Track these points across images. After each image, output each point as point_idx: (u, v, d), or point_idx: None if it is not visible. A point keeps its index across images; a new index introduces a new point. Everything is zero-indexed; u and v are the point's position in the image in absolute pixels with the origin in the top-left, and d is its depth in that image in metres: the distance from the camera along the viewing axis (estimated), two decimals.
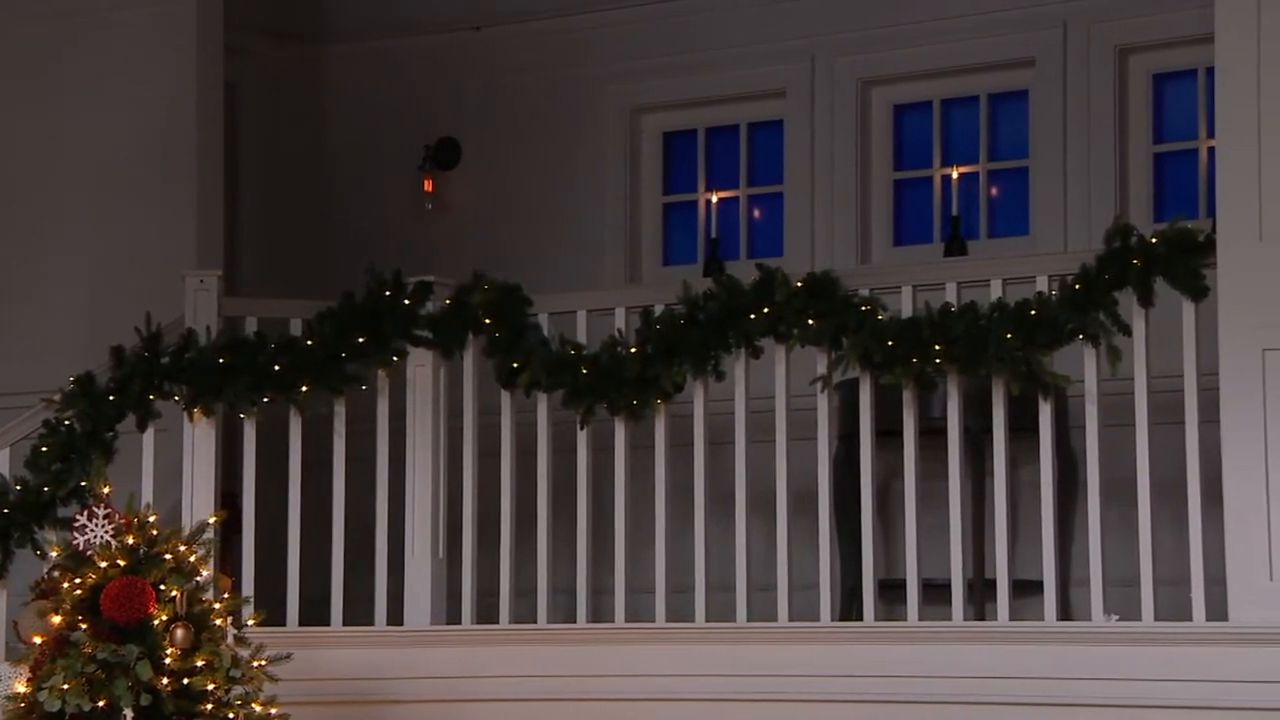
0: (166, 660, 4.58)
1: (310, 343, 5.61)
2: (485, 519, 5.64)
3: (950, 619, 5.13)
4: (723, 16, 6.79)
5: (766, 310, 5.34)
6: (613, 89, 6.96)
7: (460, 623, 5.57)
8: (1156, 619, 4.96)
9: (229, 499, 5.69)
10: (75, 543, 4.78)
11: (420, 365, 5.67)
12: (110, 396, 5.54)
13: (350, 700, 5.44)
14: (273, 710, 4.75)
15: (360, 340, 5.60)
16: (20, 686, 4.66)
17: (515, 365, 5.56)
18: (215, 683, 4.60)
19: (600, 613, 5.59)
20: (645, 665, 5.33)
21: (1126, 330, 5.05)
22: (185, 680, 4.59)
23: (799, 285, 5.32)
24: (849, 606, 5.79)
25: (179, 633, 4.61)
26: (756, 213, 6.92)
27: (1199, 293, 4.98)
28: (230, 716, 4.62)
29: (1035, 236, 6.47)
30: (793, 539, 5.35)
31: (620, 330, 5.51)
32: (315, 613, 5.64)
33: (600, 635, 5.43)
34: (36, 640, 4.72)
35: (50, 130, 6.49)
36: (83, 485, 5.38)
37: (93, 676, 4.55)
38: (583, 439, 5.53)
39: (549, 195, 7.03)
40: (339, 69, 7.26)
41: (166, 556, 4.71)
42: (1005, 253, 6.34)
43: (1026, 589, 5.45)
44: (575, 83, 6.98)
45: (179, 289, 5.74)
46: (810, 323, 5.28)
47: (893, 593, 5.48)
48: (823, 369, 5.31)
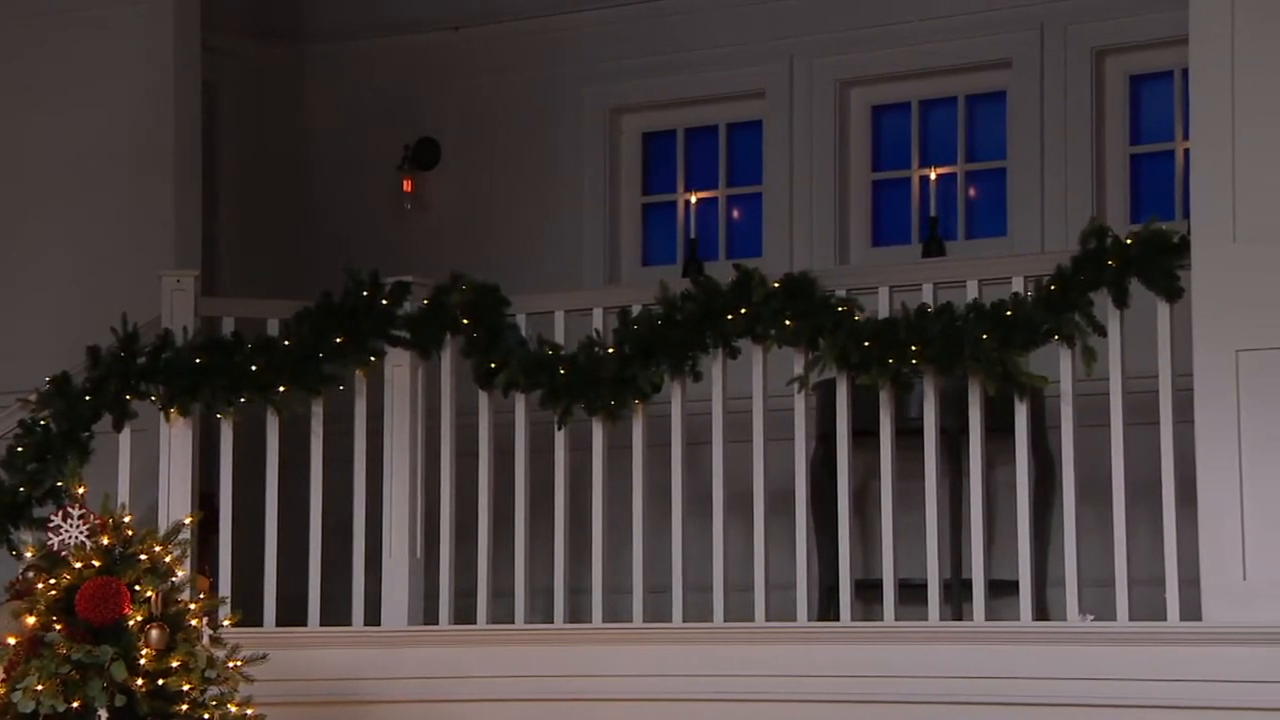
0: (141, 661, 4.58)
1: (287, 343, 5.61)
2: (463, 519, 5.64)
3: (927, 619, 5.14)
4: (702, 17, 6.80)
5: (744, 311, 5.35)
6: (592, 89, 6.96)
7: (438, 623, 5.57)
8: (1132, 619, 4.97)
9: (207, 499, 5.68)
10: (50, 543, 4.77)
11: (398, 365, 5.67)
12: (86, 396, 5.53)
13: (328, 701, 5.44)
14: (248, 711, 4.75)
15: (338, 340, 5.60)
16: None
17: (493, 365, 5.57)
18: (190, 683, 4.60)
19: (578, 613, 5.59)
20: (623, 665, 5.34)
21: (1102, 331, 5.06)
22: (160, 681, 4.59)
23: (776, 286, 5.32)
24: (827, 606, 5.80)
25: (154, 633, 4.61)
26: (735, 213, 6.93)
27: (1174, 294, 4.99)
28: (205, 717, 4.62)
29: (1013, 237, 6.49)
30: (770, 539, 5.36)
31: (598, 331, 5.52)
32: (293, 613, 5.63)
33: (578, 635, 5.44)
34: (11, 641, 4.71)
35: (27, 129, 6.48)
36: (58, 486, 5.37)
37: (67, 677, 4.55)
38: (560, 439, 5.54)
39: (528, 195, 7.04)
40: (318, 69, 7.26)
41: (141, 557, 4.71)
42: (983, 253, 6.36)
43: (1005, 589, 5.47)
44: (554, 83, 6.98)
45: (156, 289, 5.74)
46: (787, 323, 5.29)
47: (871, 593, 5.49)
48: (800, 369, 5.32)
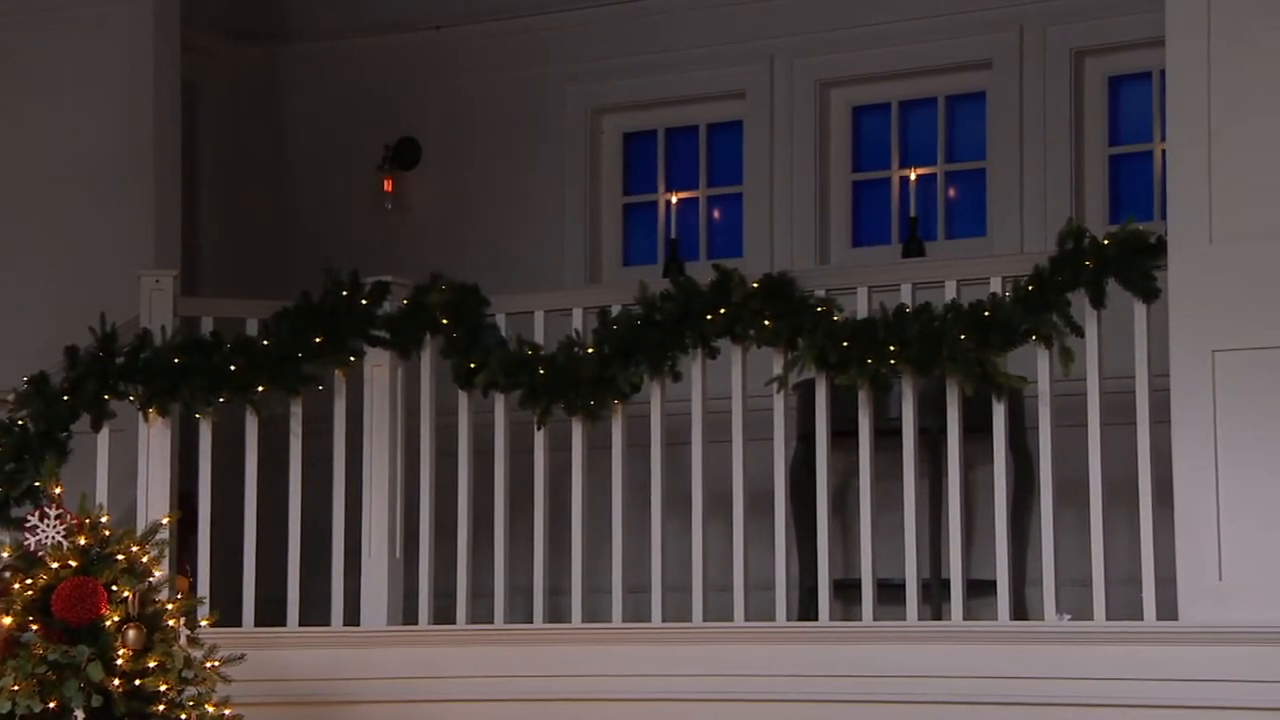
0: (118, 661, 4.57)
1: (266, 343, 5.60)
2: (443, 519, 5.64)
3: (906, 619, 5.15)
4: (682, 18, 6.81)
5: (723, 311, 5.35)
6: (573, 89, 6.97)
7: (417, 623, 5.57)
8: (1110, 619, 4.98)
9: (186, 499, 5.67)
10: (27, 543, 4.76)
11: (377, 365, 5.66)
12: (64, 396, 5.52)
13: (307, 701, 5.44)
14: (226, 711, 4.75)
15: (317, 340, 5.59)
16: None
17: (472, 365, 5.57)
18: (167, 684, 4.59)
19: (558, 613, 5.59)
20: (602, 665, 5.34)
21: (1079, 331, 5.08)
22: (137, 681, 4.58)
23: (755, 286, 5.33)
24: (808, 607, 5.81)
25: (131, 633, 4.60)
26: (716, 213, 6.93)
27: (1150, 294, 5.01)
28: (183, 717, 4.61)
29: (992, 238, 6.50)
30: (750, 539, 5.36)
31: (577, 331, 5.52)
32: (272, 613, 5.63)
33: (557, 635, 5.44)
34: None
35: (6, 128, 6.46)
36: (36, 486, 5.36)
37: (43, 678, 4.54)
38: (540, 439, 5.54)
39: (509, 195, 7.03)
40: (299, 68, 7.25)
41: (119, 557, 4.70)
42: (963, 254, 6.37)
43: (985, 589, 5.48)
44: (535, 83, 6.98)
45: (135, 289, 5.73)
46: (766, 323, 5.29)
47: (851, 593, 5.50)
48: (779, 370, 5.33)
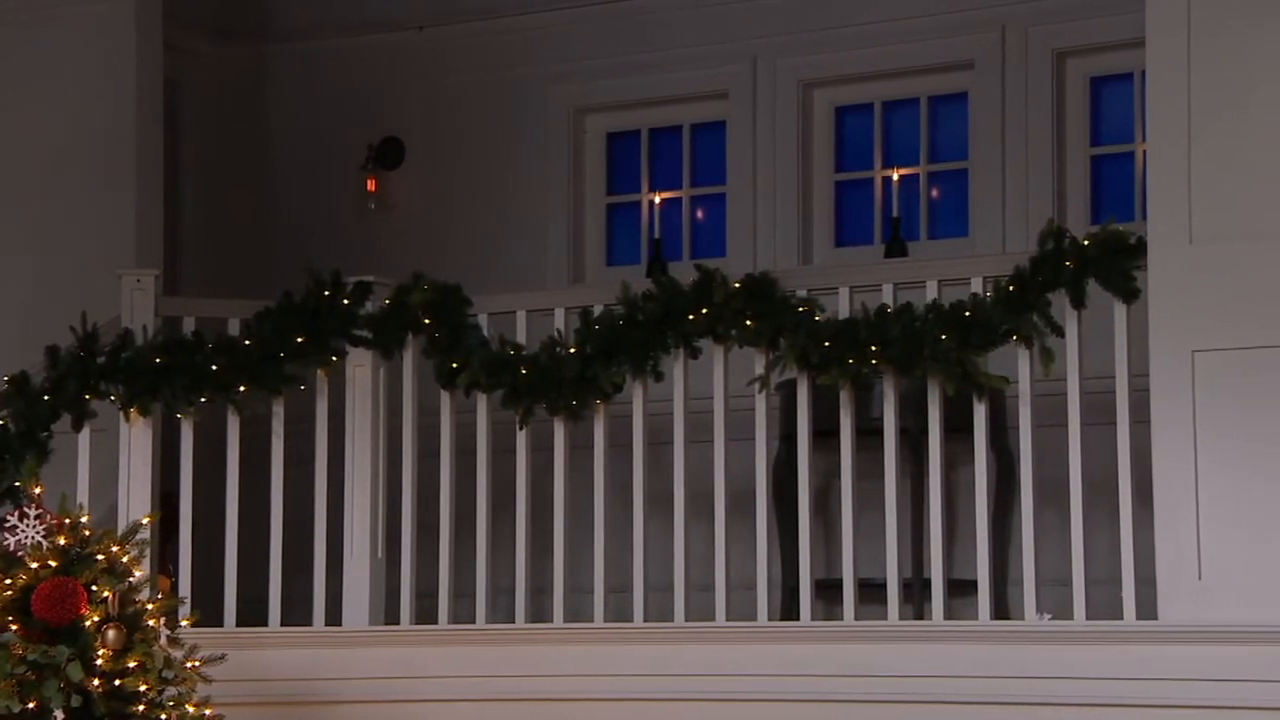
0: (98, 661, 4.57)
1: (248, 343, 5.60)
2: (425, 519, 5.64)
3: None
4: (665, 18, 6.81)
5: (705, 311, 5.35)
6: (556, 89, 6.97)
7: (399, 623, 5.57)
8: (1091, 618, 4.99)
9: (169, 499, 5.67)
10: (6, 543, 4.75)
11: (359, 365, 5.66)
12: (45, 396, 5.51)
13: (288, 701, 5.43)
14: (206, 711, 4.75)
15: (299, 340, 5.59)
16: None
17: (454, 365, 5.56)
18: (147, 684, 4.58)
19: (540, 613, 5.59)
20: (584, 665, 5.34)
21: (1059, 331, 5.09)
22: (117, 681, 4.57)
23: (737, 286, 5.33)
24: (790, 606, 5.81)
25: (111, 634, 4.60)
26: (699, 213, 6.94)
27: (1130, 294, 5.01)
28: (163, 717, 4.60)
29: (974, 238, 6.52)
30: (732, 539, 5.37)
31: (559, 331, 5.52)
32: (254, 613, 5.62)
33: (539, 635, 5.44)
34: None
35: None
36: (16, 486, 5.35)
37: (23, 678, 4.53)
38: (522, 439, 5.54)
39: (492, 195, 7.03)
40: (282, 68, 7.24)
41: (99, 557, 4.69)
42: (945, 254, 6.38)
43: (967, 588, 5.48)
44: (519, 83, 6.98)
45: (117, 288, 5.72)
46: (748, 323, 5.29)
47: (834, 592, 5.51)
48: (761, 370, 5.33)
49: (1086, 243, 5.05)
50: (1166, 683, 4.80)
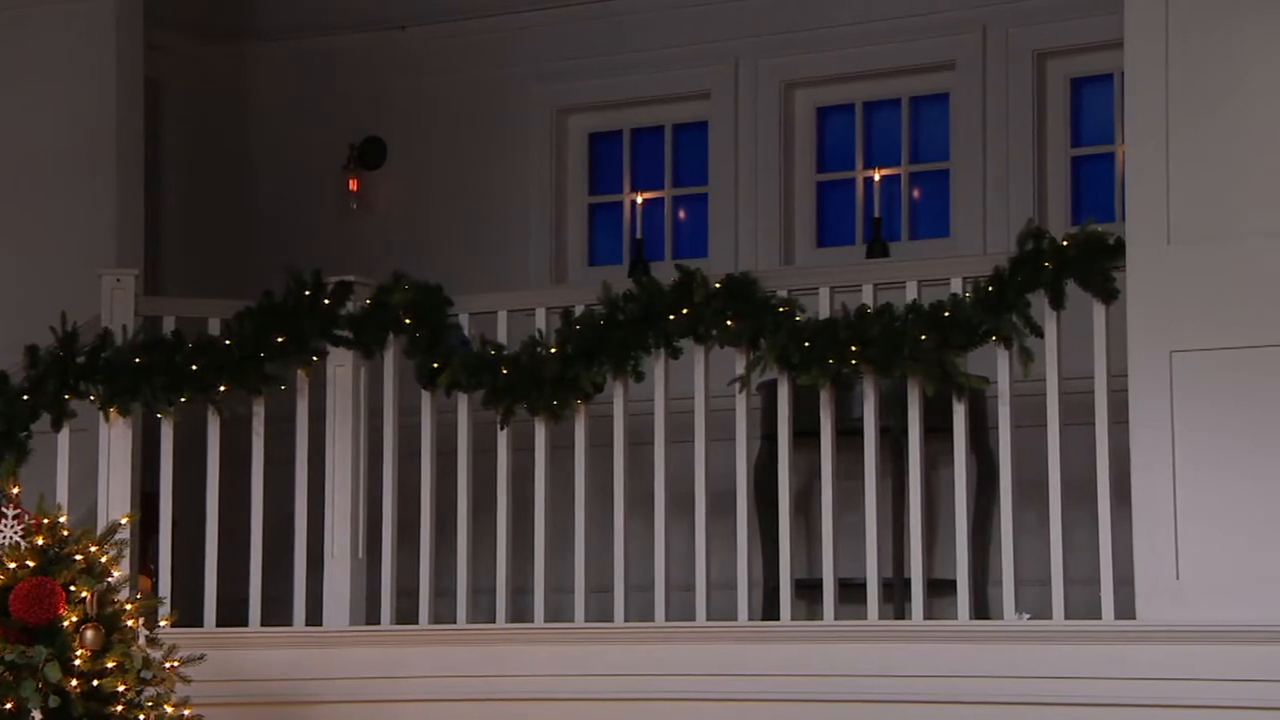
0: (76, 662, 4.56)
1: (228, 343, 5.59)
2: (405, 519, 5.64)
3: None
4: (647, 18, 6.81)
5: (685, 311, 5.36)
6: (538, 89, 6.97)
7: (380, 623, 5.57)
8: (1070, 617, 5.01)
9: (149, 499, 5.66)
10: None
11: (340, 365, 5.66)
12: (24, 396, 5.50)
13: (268, 701, 5.43)
14: (185, 711, 4.74)
15: (279, 340, 5.58)
16: None
17: (435, 365, 5.56)
18: (126, 684, 4.58)
19: (520, 613, 5.60)
20: (565, 665, 5.34)
21: (1039, 332, 5.10)
22: (95, 682, 4.57)
23: (717, 287, 5.34)
24: (770, 606, 5.82)
25: (89, 634, 4.59)
26: (681, 214, 6.94)
27: (1109, 295, 5.03)
28: (141, 718, 4.60)
29: (955, 238, 6.53)
30: (713, 539, 5.37)
31: (540, 331, 5.52)
32: (234, 614, 5.62)
33: (519, 635, 5.44)
34: None
35: None
36: None
37: (0, 679, 4.52)
38: (503, 439, 5.54)
39: (474, 195, 7.03)
40: (263, 67, 7.24)
41: (77, 557, 4.68)
42: (926, 254, 6.39)
43: (950, 588, 5.49)
44: (501, 83, 6.98)
45: (97, 288, 5.71)
46: (729, 324, 5.30)
47: (817, 592, 5.51)
48: (741, 370, 5.34)
49: (1065, 243, 5.06)
50: (1144, 682, 4.81)
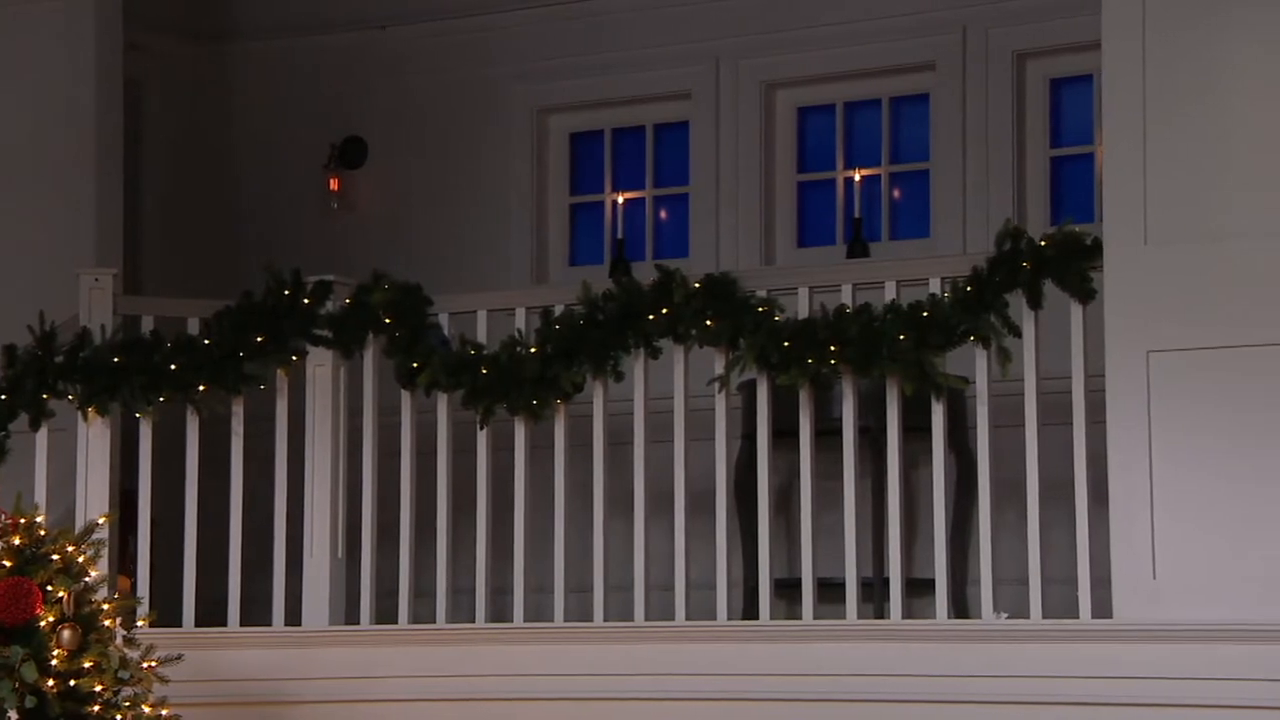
0: (53, 662, 4.55)
1: (207, 342, 5.58)
2: (385, 519, 5.64)
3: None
4: (628, 18, 6.82)
5: (665, 311, 5.36)
6: (519, 89, 6.97)
7: (359, 623, 5.56)
8: (1048, 617, 5.02)
9: (129, 498, 5.65)
10: None
11: (320, 365, 5.65)
12: (2, 396, 5.49)
13: (247, 701, 5.42)
14: (163, 711, 4.74)
15: (259, 340, 5.58)
16: None
17: (415, 365, 5.56)
18: (103, 684, 4.57)
19: (500, 613, 5.59)
20: (544, 665, 5.34)
21: (1017, 332, 5.10)
22: (72, 682, 4.56)
23: (697, 286, 5.34)
24: (751, 605, 5.82)
25: (66, 634, 4.58)
26: (662, 214, 6.95)
27: (1086, 295, 5.04)
28: (118, 718, 4.59)
29: (935, 239, 6.54)
30: (692, 539, 5.38)
31: (520, 330, 5.52)
32: (214, 613, 5.61)
33: (499, 635, 5.44)
34: None
35: None
36: None
37: None
38: (482, 439, 5.54)
39: (455, 195, 7.03)
40: (244, 66, 7.23)
41: (54, 557, 4.67)
42: (906, 255, 6.40)
43: (926, 588, 5.50)
44: (482, 83, 6.98)
45: (76, 287, 5.70)
46: (708, 324, 5.31)
47: (796, 592, 5.52)
48: (721, 369, 5.35)
49: (1043, 244, 5.07)
50: (1122, 680, 4.82)
